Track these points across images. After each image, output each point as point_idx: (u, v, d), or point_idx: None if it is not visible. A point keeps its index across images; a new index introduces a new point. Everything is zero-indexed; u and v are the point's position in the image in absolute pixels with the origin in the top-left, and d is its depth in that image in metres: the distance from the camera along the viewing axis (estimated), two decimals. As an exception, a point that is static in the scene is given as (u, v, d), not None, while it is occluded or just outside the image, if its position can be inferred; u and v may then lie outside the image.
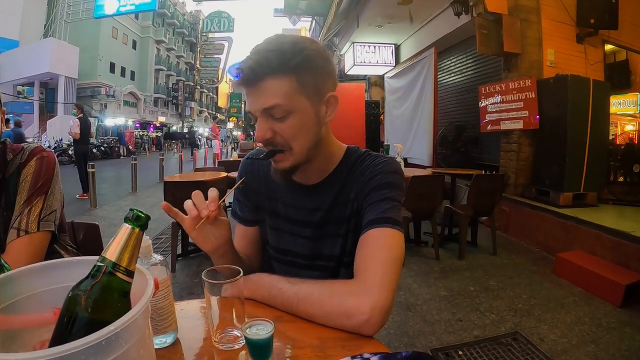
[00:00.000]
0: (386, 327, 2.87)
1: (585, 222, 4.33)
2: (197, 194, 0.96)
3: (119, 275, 0.54)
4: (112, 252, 0.54)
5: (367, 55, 10.45)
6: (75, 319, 0.51)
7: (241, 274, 0.78)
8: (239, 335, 0.78)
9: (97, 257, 0.56)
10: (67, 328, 0.51)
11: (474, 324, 2.96)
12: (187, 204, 0.95)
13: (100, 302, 0.53)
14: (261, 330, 0.69)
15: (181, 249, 4.36)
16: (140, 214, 0.57)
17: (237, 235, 1.28)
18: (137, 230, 0.56)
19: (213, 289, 0.77)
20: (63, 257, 1.40)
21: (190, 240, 4.66)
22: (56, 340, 0.52)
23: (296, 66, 0.94)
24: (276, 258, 1.21)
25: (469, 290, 3.59)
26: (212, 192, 0.96)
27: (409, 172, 4.64)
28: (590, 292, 3.51)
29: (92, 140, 8.75)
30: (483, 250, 4.75)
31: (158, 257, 0.82)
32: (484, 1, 5.45)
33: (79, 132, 8.13)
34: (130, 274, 0.55)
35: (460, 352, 2.56)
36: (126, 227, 0.56)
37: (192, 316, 0.95)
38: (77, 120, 8.23)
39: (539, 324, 2.95)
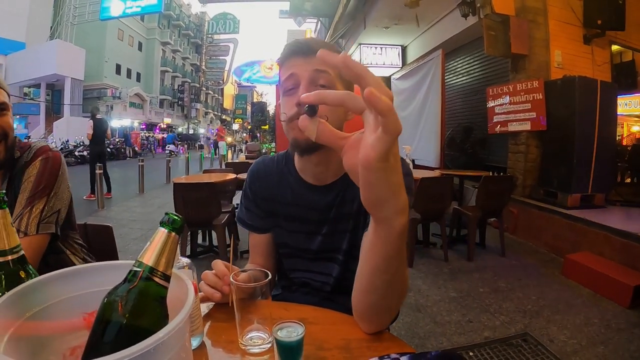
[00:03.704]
0: (397, 328, 2.88)
1: (593, 224, 4.31)
2: (206, 276, 0.97)
3: (157, 280, 0.53)
4: (149, 256, 0.53)
5: (374, 56, 10.44)
6: (112, 326, 0.51)
7: (269, 277, 0.79)
8: (265, 337, 0.79)
9: (129, 262, 0.55)
10: (104, 335, 0.51)
11: (484, 325, 2.96)
12: (207, 290, 0.95)
13: (138, 308, 0.52)
14: (292, 332, 0.69)
15: (190, 250, 4.37)
16: (175, 217, 0.56)
17: (251, 246, 1.29)
18: (173, 234, 0.55)
19: (241, 292, 0.78)
20: (68, 255, 1.41)
21: (198, 241, 4.70)
22: (92, 347, 0.52)
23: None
24: (297, 255, 1.23)
25: (478, 292, 3.59)
26: (219, 266, 0.97)
27: (417, 174, 4.65)
28: (598, 294, 3.49)
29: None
30: (491, 252, 4.74)
31: (185, 261, 0.82)
32: (492, 2, 5.44)
33: (91, 132, 8.23)
34: (167, 278, 0.54)
35: (470, 353, 2.56)
36: (162, 231, 0.55)
37: (217, 318, 0.96)
38: (91, 121, 8.35)
39: (549, 325, 2.94)
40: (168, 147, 25.22)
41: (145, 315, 0.52)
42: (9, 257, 0.62)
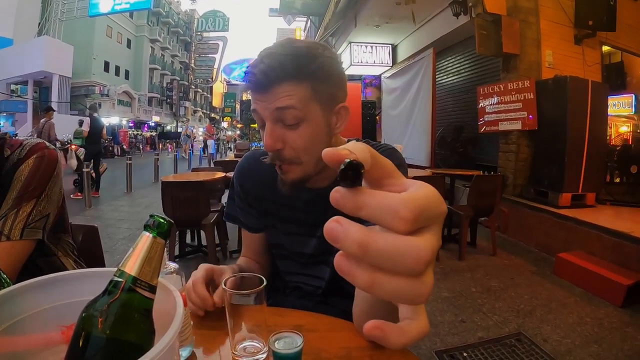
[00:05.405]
0: (390, 329, 2.84)
1: (585, 223, 4.32)
2: (189, 292, 0.90)
3: (140, 291, 0.47)
4: (131, 265, 0.47)
5: (364, 55, 10.40)
6: (92, 344, 0.45)
7: (264, 283, 0.74)
8: (260, 346, 0.74)
9: (111, 269, 0.49)
10: (83, 354, 0.45)
11: (478, 325, 2.94)
12: (192, 308, 0.90)
13: (120, 323, 0.46)
14: (290, 343, 0.65)
15: (178, 250, 4.31)
16: (161, 220, 0.50)
17: (245, 243, 1.25)
18: (158, 239, 0.50)
19: (234, 299, 0.73)
20: (59, 257, 1.33)
21: (187, 240, 4.64)
22: None
23: (311, 73, 0.89)
24: (291, 258, 1.19)
25: (470, 292, 3.58)
26: (199, 291, 0.90)
27: (409, 173, 4.62)
28: (591, 293, 3.50)
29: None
30: (482, 251, 4.73)
31: (173, 266, 0.77)
32: (483, 2, 5.43)
33: (88, 130, 8.19)
34: (152, 289, 0.49)
35: (464, 354, 2.54)
36: (147, 236, 0.49)
37: (207, 325, 0.90)
38: (88, 119, 8.33)
39: (542, 325, 2.94)
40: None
41: (128, 331, 0.47)
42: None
